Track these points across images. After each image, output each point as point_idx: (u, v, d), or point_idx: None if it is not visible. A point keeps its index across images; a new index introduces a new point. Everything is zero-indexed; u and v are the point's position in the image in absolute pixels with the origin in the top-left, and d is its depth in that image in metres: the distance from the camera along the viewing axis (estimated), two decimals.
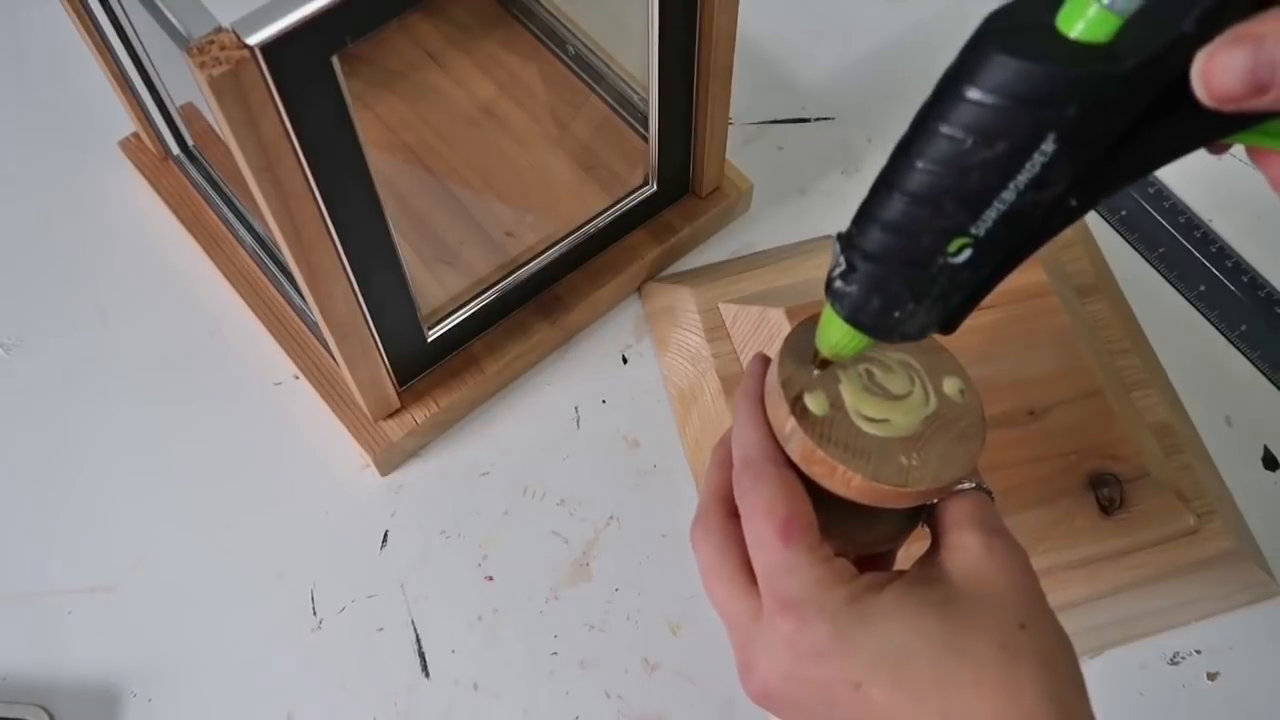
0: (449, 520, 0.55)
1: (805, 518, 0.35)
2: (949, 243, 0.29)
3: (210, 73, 0.33)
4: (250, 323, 0.59)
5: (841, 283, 0.32)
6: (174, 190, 0.61)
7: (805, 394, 0.36)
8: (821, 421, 0.36)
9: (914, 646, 0.33)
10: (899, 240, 0.30)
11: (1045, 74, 0.26)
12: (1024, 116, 0.27)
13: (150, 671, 0.51)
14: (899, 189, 0.30)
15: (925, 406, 0.37)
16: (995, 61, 0.26)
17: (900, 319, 0.32)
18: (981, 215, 0.29)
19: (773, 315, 0.55)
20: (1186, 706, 0.50)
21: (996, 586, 0.34)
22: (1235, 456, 0.55)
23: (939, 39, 0.71)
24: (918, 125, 0.29)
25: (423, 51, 0.65)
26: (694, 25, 0.50)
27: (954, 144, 0.28)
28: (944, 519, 0.36)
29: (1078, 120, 0.26)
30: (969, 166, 0.28)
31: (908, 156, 0.29)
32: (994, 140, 0.27)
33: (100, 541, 0.54)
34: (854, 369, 0.37)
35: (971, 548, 0.34)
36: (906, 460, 0.36)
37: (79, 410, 0.58)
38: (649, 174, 0.57)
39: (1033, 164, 0.27)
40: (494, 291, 0.55)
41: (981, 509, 0.36)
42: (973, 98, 0.27)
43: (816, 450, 0.35)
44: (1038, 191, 0.28)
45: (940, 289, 0.31)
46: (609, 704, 0.50)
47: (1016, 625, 0.33)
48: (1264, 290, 0.60)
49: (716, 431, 0.55)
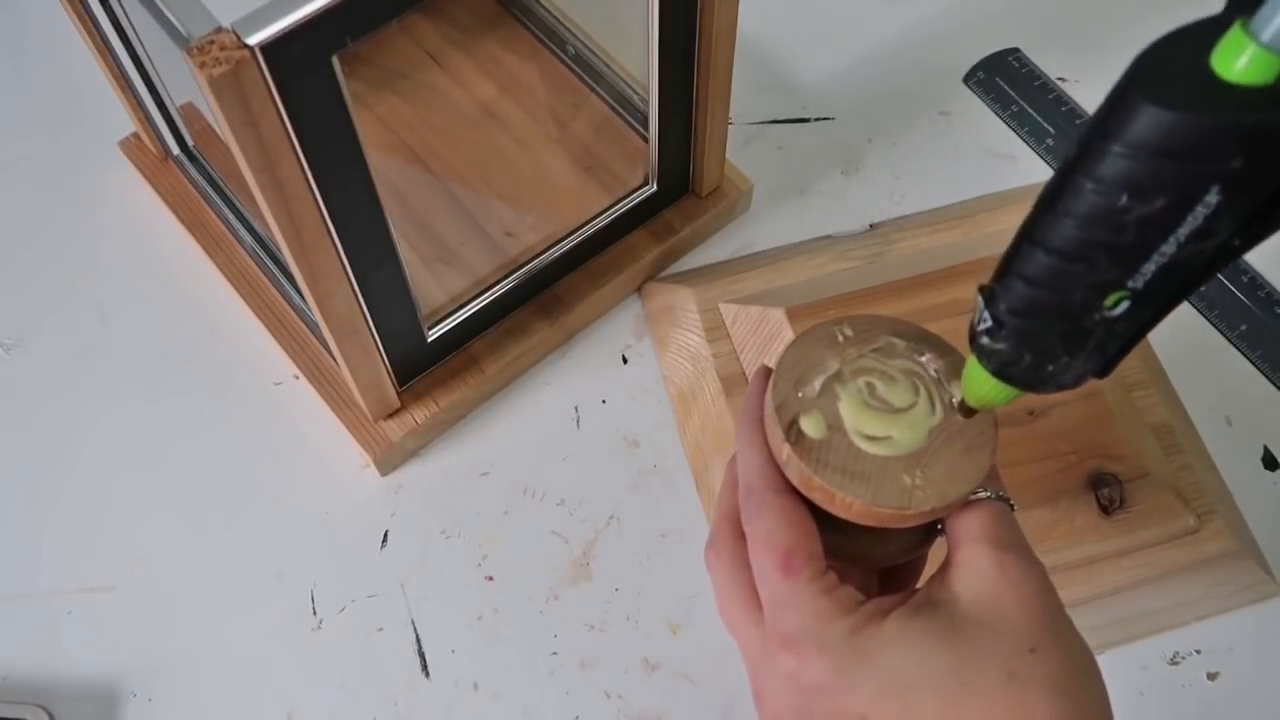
0: (449, 520, 0.55)
1: (806, 548, 0.34)
2: (1105, 297, 0.28)
3: (210, 73, 0.33)
4: (250, 323, 0.59)
5: (989, 339, 0.31)
6: (174, 190, 0.61)
7: (801, 417, 0.35)
8: (818, 446, 0.34)
9: (918, 678, 0.31)
10: (1050, 296, 0.28)
11: (1204, 126, 0.24)
12: (1184, 171, 0.25)
13: (150, 671, 0.51)
14: (1047, 246, 0.27)
15: (930, 418, 0.35)
16: (1146, 113, 0.24)
17: (1055, 371, 0.30)
18: (1140, 270, 0.27)
19: (773, 315, 0.55)
20: (1186, 706, 0.50)
21: (1007, 607, 0.32)
22: (1235, 456, 0.55)
23: (939, 39, 0.71)
24: (1063, 177, 0.27)
25: (423, 51, 0.65)
26: (694, 25, 0.50)
27: (1107, 200, 0.26)
28: (955, 534, 0.34)
29: (1243, 171, 0.24)
30: (1125, 223, 0.26)
31: (1054, 211, 0.27)
32: (1152, 197, 0.25)
33: (100, 541, 0.54)
34: (854, 384, 0.36)
35: (981, 566, 0.33)
36: (910, 480, 0.34)
37: (78, 410, 0.58)
38: (649, 174, 0.57)
39: (1195, 217, 0.25)
40: (494, 291, 0.55)
41: (995, 522, 0.34)
42: (1125, 153, 0.25)
43: (813, 478, 0.34)
44: (1200, 242, 0.26)
45: (1097, 340, 0.29)
46: (609, 704, 0.50)
47: (1027, 650, 0.31)
48: (1264, 290, 0.60)
49: (716, 431, 0.55)
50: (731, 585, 0.36)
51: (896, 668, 0.32)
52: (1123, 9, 0.70)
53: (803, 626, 0.33)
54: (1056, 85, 0.67)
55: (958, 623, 0.32)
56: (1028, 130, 0.65)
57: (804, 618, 0.33)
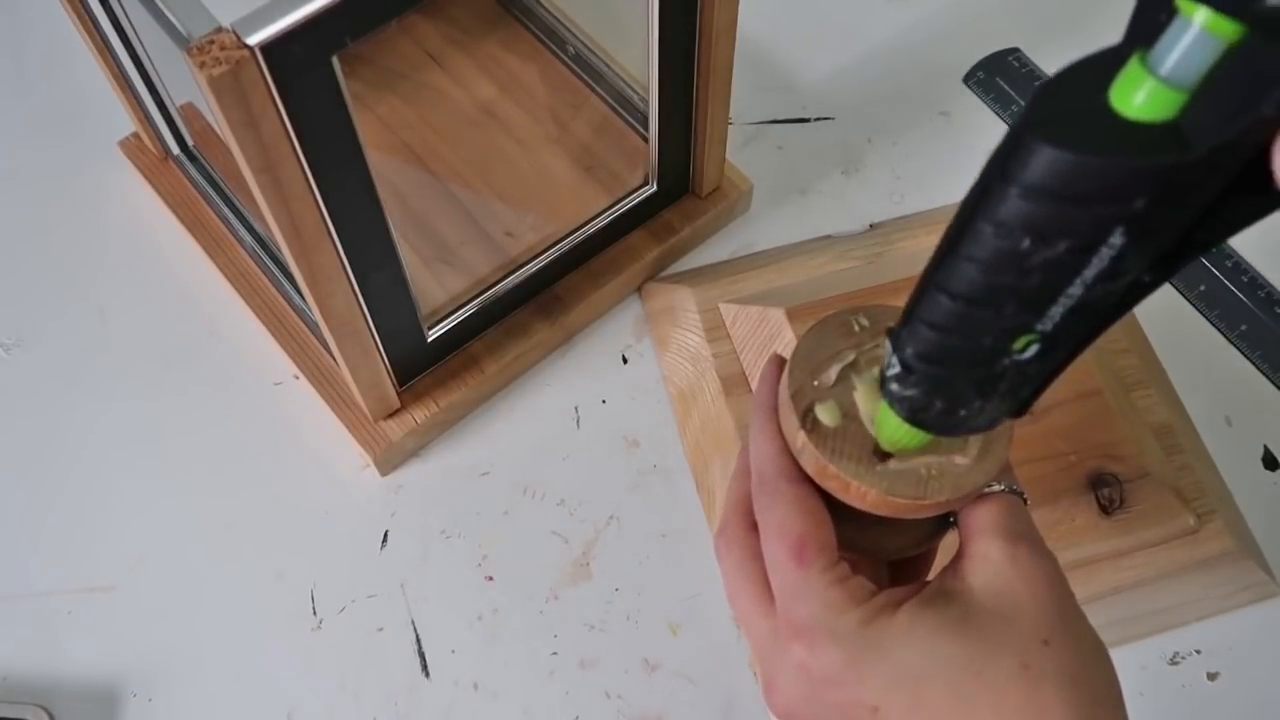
0: (449, 520, 0.55)
1: (820, 538, 0.34)
2: (1013, 341, 0.27)
3: (210, 73, 0.33)
4: (250, 323, 0.59)
5: (898, 385, 0.30)
6: (174, 190, 0.61)
7: (817, 405, 0.34)
8: (834, 434, 0.34)
9: (930, 670, 0.31)
10: (957, 341, 0.27)
11: (1103, 169, 0.22)
12: (1085, 214, 0.23)
13: (150, 671, 0.51)
14: (950, 291, 0.26)
15: None
16: (1043, 155, 0.23)
17: (967, 416, 0.29)
18: (1047, 313, 0.26)
19: (773, 315, 0.55)
20: (1186, 706, 0.50)
21: (1019, 599, 0.32)
22: (1235, 456, 0.55)
23: (939, 39, 0.71)
24: (964, 222, 0.25)
25: (423, 51, 0.65)
26: (694, 25, 0.50)
27: (1008, 243, 0.24)
28: (968, 526, 0.34)
29: (1147, 212, 0.23)
30: (1028, 267, 0.24)
31: (957, 255, 0.26)
32: (1054, 240, 0.24)
33: (100, 541, 0.54)
34: (869, 373, 0.36)
35: (994, 558, 0.33)
36: (925, 470, 0.34)
37: (79, 410, 0.58)
38: (649, 174, 0.57)
39: (1100, 259, 0.24)
40: (494, 291, 0.55)
41: (1007, 514, 0.34)
42: (1023, 195, 0.23)
43: (828, 466, 0.34)
44: (1109, 282, 0.25)
45: (1009, 384, 0.28)
46: (609, 704, 0.50)
47: (1040, 641, 0.31)
48: (1264, 290, 0.60)
49: (717, 431, 0.55)
50: (741, 576, 0.36)
51: (908, 659, 0.31)
52: (1123, 9, 0.70)
53: (814, 616, 0.33)
54: None
55: (970, 614, 0.32)
56: None
57: (816, 608, 0.33)
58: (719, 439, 0.54)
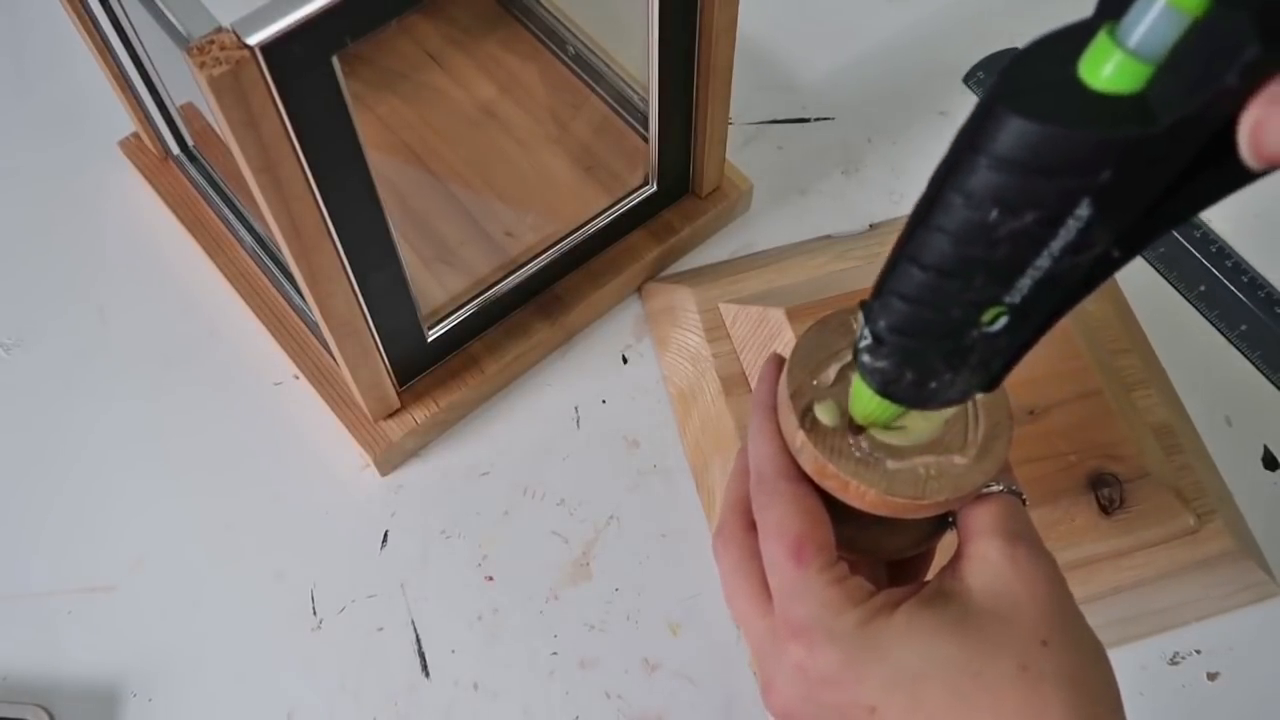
0: (449, 520, 0.55)
1: (818, 538, 0.33)
2: (982, 313, 0.27)
3: (210, 73, 0.33)
4: (250, 323, 0.59)
5: (869, 357, 0.30)
6: (174, 190, 0.61)
7: (816, 405, 0.34)
8: (833, 434, 0.34)
9: (928, 670, 0.31)
10: (927, 313, 0.28)
11: (1070, 140, 0.23)
12: (1052, 185, 0.24)
13: (150, 671, 0.51)
14: (920, 262, 0.27)
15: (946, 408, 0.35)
16: (1011, 126, 0.23)
17: (938, 389, 0.30)
18: (1015, 285, 0.26)
19: (773, 315, 0.55)
20: (1186, 706, 0.50)
21: (1018, 600, 0.32)
22: (1235, 456, 0.55)
23: (939, 39, 0.71)
24: (934, 193, 0.26)
25: (423, 51, 0.65)
26: (694, 25, 0.50)
27: (977, 214, 0.25)
28: (967, 526, 0.34)
29: (1114, 184, 0.23)
30: (997, 239, 0.25)
31: (926, 227, 0.26)
32: (1022, 211, 0.24)
33: (100, 541, 0.54)
34: None
35: (992, 558, 0.33)
36: (925, 470, 0.34)
37: (78, 410, 0.58)
38: (649, 174, 0.57)
39: (1068, 230, 0.24)
40: (494, 291, 0.55)
41: (1006, 514, 0.34)
42: (992, 166, 0.24)
43: (827, 465, 0.34)
44: (1075, 255, 0.25)
45: (978, 357, 0.28)
46: (609, 704, 0.50)
47: (1039, 642, 0.31)
48: (1264, 290, 0.60)
49: (717, 431, 0.55)
50: (740, 575, 0.36)
51: (906, 659, 0.31)
52: None
53: (812, 616, 0.33)
54: None
55: (968, 615, 0.32)
56: None
57: (814, 608, 0.33)
58: (719, 439, 0.54)
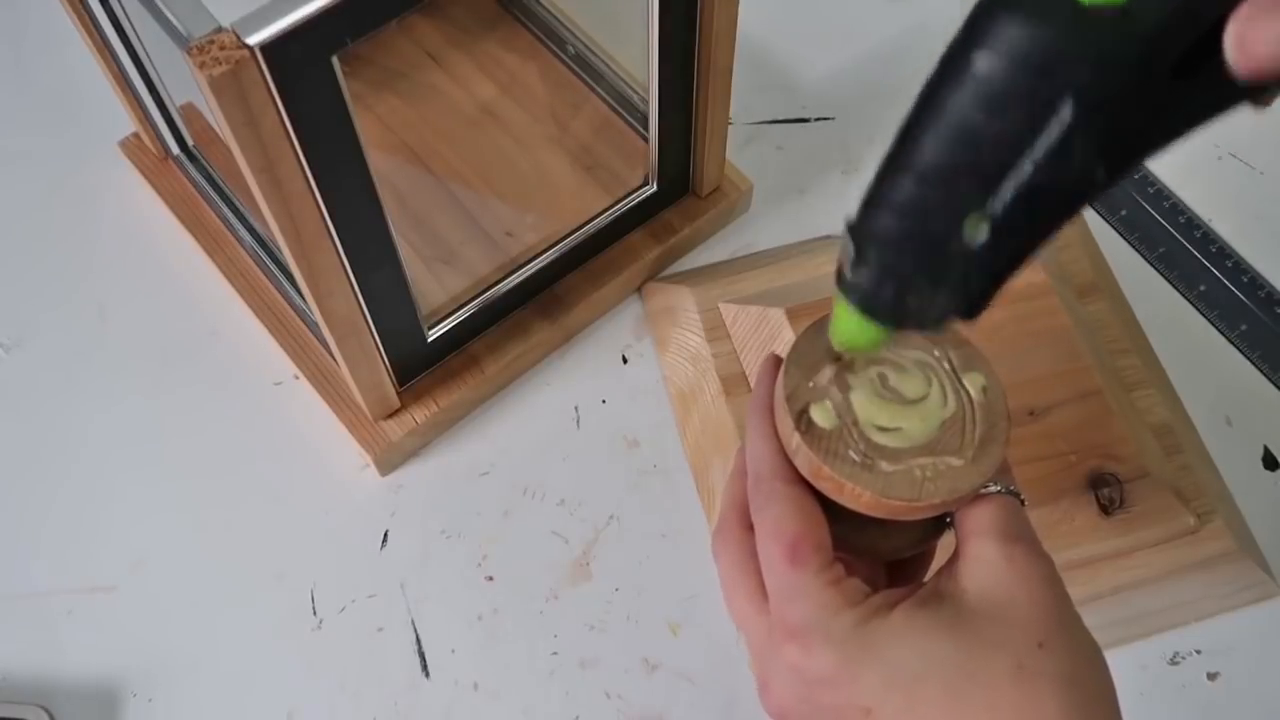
0: (449, 520, 0.55)
1: (814, 538, 0.33)
2: (964, 222, 0.27)
3: (210, 73, 0.33)
4: (250, 323, 0.59)
5: (851, 273, 0.30)
6: (174, 190, 0.61)
7: (811, 406, 0.35)
8: (828, 435, 0.34)
9: (924, 670, 0.31)
10: (910, 223, 0.28)
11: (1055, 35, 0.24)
12: (1036, 83, 0.25)
13: (150, 671, 0.51)
14: (907, 168, 0.28)
15: (943, 409, 0.35)
16: (1001, 24, 0.25)
17: (917, 306, 0.30)
18: (997, 191, 0.26)
19: (773, 315, 0.55)
20: (1186, 706, 0.50)
21: (1015, 600, 0.32)
22: (1235, 456, 0.55)
23: (939, 39, 0.71)
24: (923, 100, 0.27)
25: (423, 51, 0.65)
26: (694, 25, 0.50)
27: (962, 116, 0.26)
28: (964, 527, 0.34)
29: (1094, 85, 0.24)
30: (980, 140, 0.26)
31: (914, 133, 0.27)
32: (1005, 110, 0.25)
33: (100, 541, 0.54)
34: (865, 373, 0.36)
35: (989, 559, 0.33)
36: (920, 472, 0.34)
37: (78, 410, 0.58)
38: (649, 174, 0.57)
39: (1049, 134, 0.25)
40: (494, 291, 0.55)
41: (1003, 515, 0.34)
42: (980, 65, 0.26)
43: (822, 467, 0.34)
44: (1056, 163, 0.26)
45: (959, 273, 0.28)
46: (609, 704, 0.50)
47: (1035, 643, 0.31)
48: (1264, 290, 0.60)
49: (716, 431, 0.55)
50: (737, 575, 0.36)
51: (902, 660, 0.31)
52: None
53: (809, 617, 0.33)
54: None
55: (965, 615, 0.32)
56: None
57: (810, 608, 0.33)
58: (719, 439, 0.54)
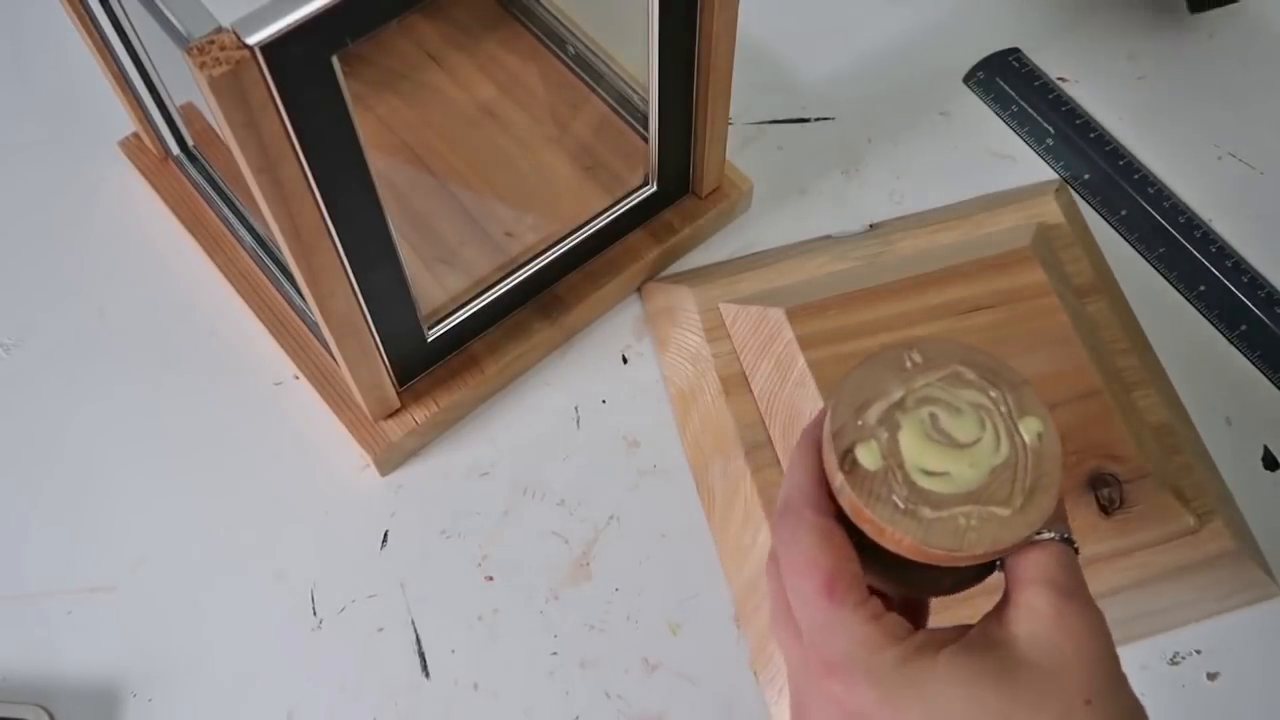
0: (449, 520, 0.55)
1: (850, 573, 0.33)
2: None
3: (210, 73, 0.33)
4: (250, 323, 0.59)
5: None
6: (174, 190, 0.61)
7: (858, 446, 0.34)
8: (872, 477, 0.33)
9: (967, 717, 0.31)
10: None
11: None
12: None
13: (150, 671, 0.51)
14: None
15: (994, 455, 0.34)
16: None
17: None
18: None
19: (773, 315, 0.55)
20: (1186, 706, 0.50)
21: (1064, 655, 0.31)
22: (1235, 456, 0.55)
23: (939, 39, 0.71)
24: None
25: (423, 52, 0.65)
26: (694, 25, 0.50)
27: None
28: (1015, 573, 0.33)
29: None
30: None
31: None
32: None
33: (100, 541, 0.54)
34: (916, 413, 0.35)
35: (1041, 611, 0.32)
36: (965, 520, 0.33)
37: (78, 410, 0.58)
38: (649, 174, 0.57)
39: None
40: (494, 291, 0.55)
41: (1056, 566, 0.33)
42: None
43: (864, 510, 0.33)
44: None
45: None
46: (609, 704, 0.50)
47: (1082, 701, 0.31)
48: (1264, 290, 0.60)
49: (717, 431, 0.55)
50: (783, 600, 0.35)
51: (946, 704, 0.31)
52: (1123, 9, 0.70)
53: (849, 654, 0.32)
54: (1056, 85, 0.67)
55: (1012, 665, 0.31)
56: (1028, 130, 0.65)
57: (850, 645, 0.32)
58: (719, 439, 0.54)
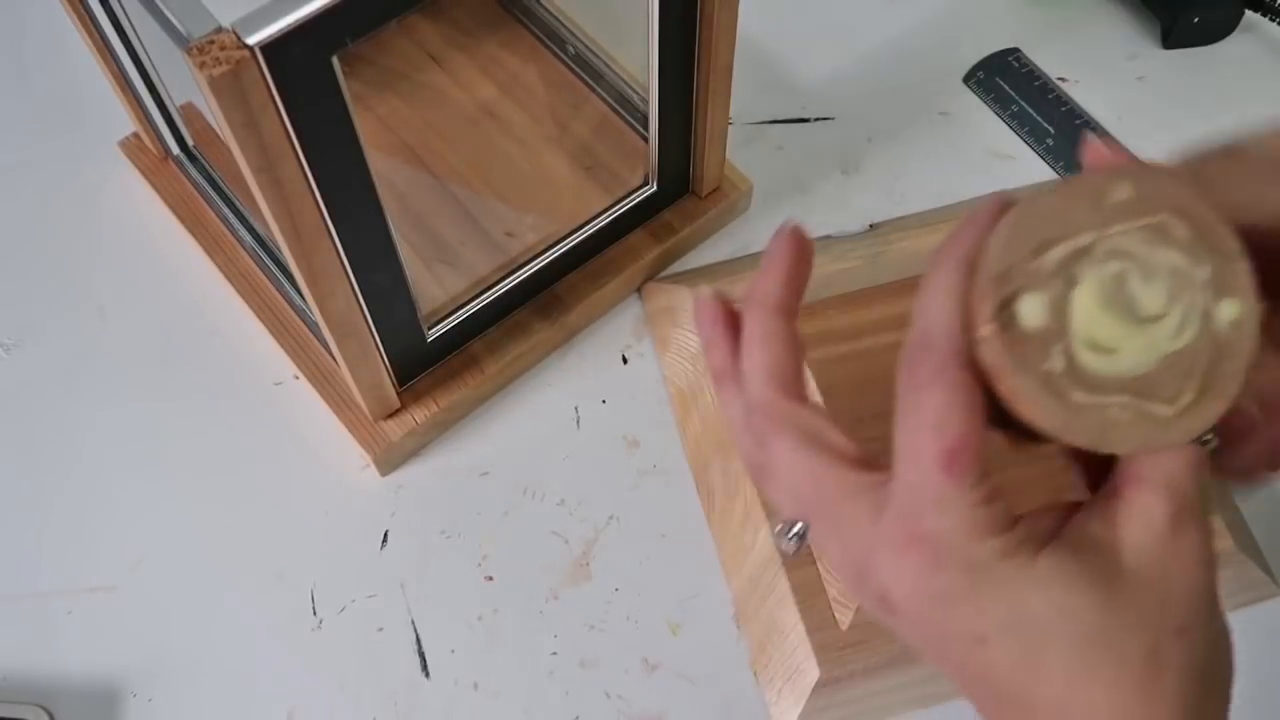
0: (449, 520, 0.55)
1: (976, 447, 0.29)
2: None
3: (210, 73, 0.33)
4: (250, 323, 0.59)
5: None
6: (174, 190, 0.61)
7: (1023, 295, 0.28)
8: (1027, 339, 0.28)
9: (1056, 626, 0.28)
10: None
11: None
12: None
13: (150, 671, 0.51)
14: None
15: (1174, 339, 0.28)
16: None
17: None
18: None
19: None
20: None
21: (1169, 581, 0.29)
22: None
23: (939, 39, 0.71)
24: None
25: (423, 52, 0.65)
26: (694, 25, 0.50)
27: None
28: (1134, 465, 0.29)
29: None
30: None
31: None
32: None
33: (100, 541, 0.54)
34: (1104, 268, 0.28)
35: (1156, 524, 0.29)
36: (1116, 413, 0.28)
37: (79, 410, 0.58)
38: (649, 174, 0.57)
39: None
40: (494, 291, 0.55)
41: (1184, 472, 0.29)
42: None
43: (1007, 377, 0.28)
44: None
45: None
46: (609, 704, 0.50)
47: (1175, 628, 0.29)
48: None
49: (717, 431, 0.55)
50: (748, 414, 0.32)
51: (1036, 608, 0.29)
52: (1123, 9, 0.70)
53: (946, 535, 0.29)
54: (1056, 85, 0.67)
55: (1112, 577, 0.29)
56: (1028, 130, 0.65)
57: (952, 525, 0.29)
58: (719, 439, 0.54)
